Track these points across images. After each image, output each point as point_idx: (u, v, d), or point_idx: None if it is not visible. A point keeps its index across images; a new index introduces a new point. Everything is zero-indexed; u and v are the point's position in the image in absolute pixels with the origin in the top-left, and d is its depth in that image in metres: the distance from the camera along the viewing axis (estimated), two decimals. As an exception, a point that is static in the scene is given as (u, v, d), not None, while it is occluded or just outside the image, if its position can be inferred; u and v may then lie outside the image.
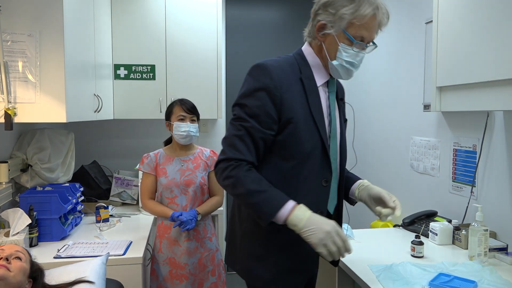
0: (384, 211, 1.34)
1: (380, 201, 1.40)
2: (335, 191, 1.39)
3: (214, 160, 2.11)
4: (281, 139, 1.25)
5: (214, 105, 3.09)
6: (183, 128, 2.10)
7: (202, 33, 3.04)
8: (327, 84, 1.36)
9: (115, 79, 2.97)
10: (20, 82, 1.75)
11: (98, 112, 2.43)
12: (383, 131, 2.91)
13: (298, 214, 1.17)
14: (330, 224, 1.18)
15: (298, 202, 1.22)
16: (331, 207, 1.40)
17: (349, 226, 2.15)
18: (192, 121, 2.14)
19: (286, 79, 1.25)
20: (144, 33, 2.97)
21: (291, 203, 1.20)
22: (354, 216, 3.42)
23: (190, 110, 2.13)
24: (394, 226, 2.33)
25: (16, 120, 1.73)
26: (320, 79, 1.33)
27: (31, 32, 1.75)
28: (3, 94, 1.69)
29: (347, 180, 1.50)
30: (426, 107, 2.36)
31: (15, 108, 1.72)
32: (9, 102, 1.70)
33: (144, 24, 2.97)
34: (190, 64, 3.04)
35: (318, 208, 1.31)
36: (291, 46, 3.71)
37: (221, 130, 3.56)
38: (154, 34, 2.98)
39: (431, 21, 2.02)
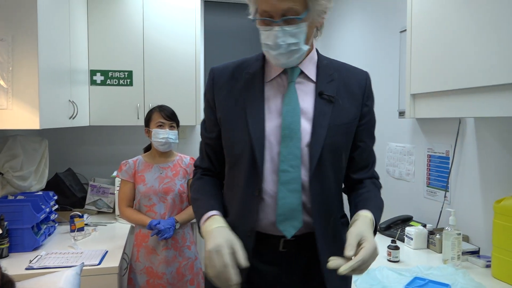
0: (331, 263, 0.93)
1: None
2: (290, 208, 1.06)
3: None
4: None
5: (192, 111, 3.08)
6: (162, 135, 2.08)
7: (180, 38, 3.02)
8: (288, 75, 1.13)
9: (91, 85, 2.92)
10: (-9, 87, 1.70)
11: (73, 118, 2.39)
12: (360, 137, 2.96)
13: (206, 226, 1.04)
14: (218, 239, 0.96)
15: (231, 212, 1.12)
16: (289, 229, 1.07)
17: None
18: (171, 127, 2.12)
19: (223, 78, 1.17)
20: (121, 38, 2.94)
21: (208, 214, 1.07)
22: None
23: (169, 116, 2.11)
24: (371, 231, 2.36)
25: (-13, 127, 1.67)
26: (273, 72, 1.14)
27: (3, 36, 1.71)
28: (-28, 100, 1.64)
29: (355, 206, 1.15)
30: (401, 114, 2.41)
31: (-15, 115, 1.67)
32: (-21, 108, 1.65)
33: (121, 29, 2.94)
34: (168, 70, 3.02)
35: (247, 223, 1.08)
36: (269, 53, 3.74)
37: (199, 136, 3.53)
38: (131, 39, 2.95)
39: (405, 30, 2.07)
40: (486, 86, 1.49)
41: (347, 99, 1.13)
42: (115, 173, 2.87)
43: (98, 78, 2.93)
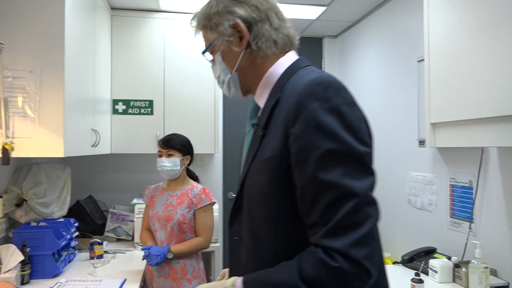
0: None
1: None
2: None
3: (202, 199, 2.12)
4: None
5: (211, 140, 3.11)
6: (159, 164, 2.16)
7: (200, 69, 3.09)
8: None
9: (113, 113, 3.00)
10: (19, 117, 1.76)
11: (95, 146, 2.44)
12: (379, 166, 2.92)
13: None
14: None
15: None
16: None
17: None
18: (169, 155, 2.15)
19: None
20: (143, 69, 3.03)
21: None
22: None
23: (165, 144, 2.17)
24: (393, 263, 2.29)
25: (13, 154, 1.73)
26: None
27: (32, 68, 1.78)
28: (1, 129, 1.70)
29: None
30: (421, 142, 2.38)
31: (12, 143, 1.73)
32: (7, 137, 1.71)
33: (143, 60, 3.03)
34: (187, 99, 3.08)
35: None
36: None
37: (218, 164, 3.56)
38: (153, 69, 3.04)
39: (423, 59, 2.08)
40: (508, 115, 1.47)
41: (275, 127, 0.89)
42: (134, 200, 2.90)
43: (120, 107, 3.01)
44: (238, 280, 0.87)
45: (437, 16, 1.93)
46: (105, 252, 2.36)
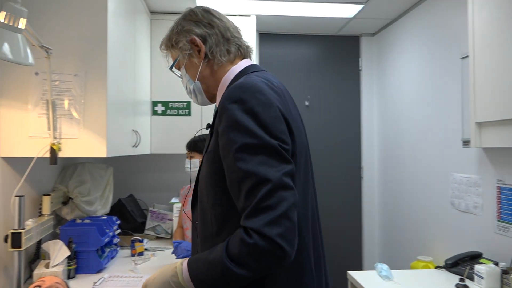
0: None
1: None
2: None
3: None
4: None
5: (247, 140, 3.13)
6: (185, 165, 2.28)
7: (236, 70, 3.12)
8: None
9: (152, 115, 3.08)
10: (65, 119, 1.84)
11: (136, 147, 2.52)
12: (420, 168, 2.83)
13: None
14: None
15: None
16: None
17: (387, 266, 2.07)
18: (191, 157, 2.23)
19: None
20: (182, 71, 3.09)
21: None
22: (392, 256, 3.29)
23: (187, 146, 2.32)
24: (436, 267, 2.21)
25: (60, 155, 1.81)
26: None
27: (77, 72, 1.86)
28: (49, 130, 1.78)
29: None
30: (466, 142, 2.29)
31: (59, 144, 1.81)
32: (54, 137, 1.79)
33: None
34: (224, 100, 3.11)
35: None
36: (324, 83, 3.74)
37: (254, 164, 3.56)
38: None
39: (467, 56, 1.99)
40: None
41: (215, 126, 1.05)
42: (173, 200, 2.96)
43: (159, 108, 3.09)
44: (185, 261, 0.99)
45: (482, 11, 1.84)
46: (146, 249, 2.43)
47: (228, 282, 0.91)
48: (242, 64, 1.18)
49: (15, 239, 1.63)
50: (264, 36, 3.73)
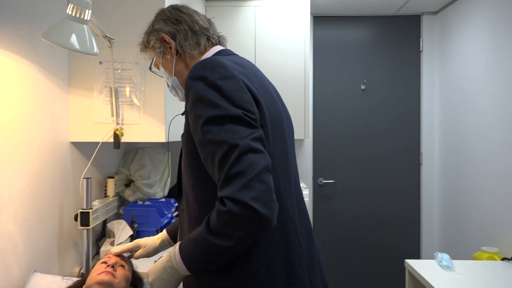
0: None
1: None
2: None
3: None
4: None
5: (301, 125, 3.11)
6: None
7: (290, 53, 3.09)
8: None
9: (208, 101, 3.14)
10: (127, 105, 1.93)
11: (192, 132, 2.58)
12: (486, 154, 2.66)
13: None
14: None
15: None
16: None
17: (448, 256, 1.98)
18: None
19: None
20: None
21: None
22: (454, 246, 3.14)
23: None
24: (503, 259, 2.09)
25: (123, 139, 1.90)
26: None
27: (137, 60, 1.94)
28: (113, 117, 1.88)
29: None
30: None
31: (122, 129, 1.90)
32: (117, 123, 1.89)
33: (234, 47, 3.11)
34: (278, 85, 3.10)
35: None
36: (381, 66, 3.60)
37: (307, 150, 3.54)
38: (244, 55, 3.10)
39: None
40: None
41: None
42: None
43: (214, 94, 3.14)
44: (177, 244, 1.02)
45: None
46: (202, 231, 2.51)
47: (215, 257, 0.93)
48: (212, 50, 1.22)
49: (84, 218, 1.76)
50: (318, 19, 3.65)
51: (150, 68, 1.27)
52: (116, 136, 1.86)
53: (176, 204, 2.55)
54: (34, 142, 1.61)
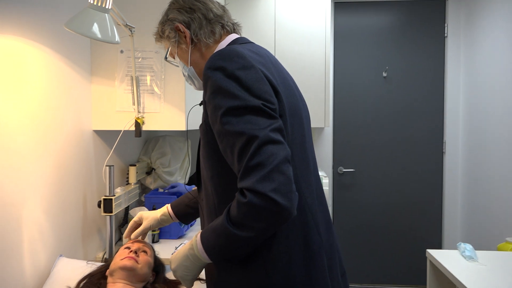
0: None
1: None
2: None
3: None
4: None
5: (321, 113, 3.08)
6: None
7: (310, 40, 3.05)
8: None
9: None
10: (148, 94, 1.95)
11: (212, 120, 2.59)
12: (509, 142, 2.58)
13: None
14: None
15: None
16: None
17: (471, 246, 1.95)
18: None
19: None
20: (254, 41, 3.09)
21: None
22: (478, 236, 3.09)
23: None
24: (528, 250, 2.04)
25: (144, 128, 1.93)
26: None
27: (157, 49, 1.94)
28: (134, 105, 1.90)
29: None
30: None
31: (143, 118, 1.92)
32: (138, 112, 1.91)
33: (254, 33, 3.09)
34: (298, 72, 3.07)
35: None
36: (403, 52, 3.52)
37: (327, 138, 3.52)
38: (263, 42, 3.09)
39: None
40: None
41: None
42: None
43: (234, 83, 3.14)
44: (199, 233, 1.03)
45: None
46: (222, 219, 2.53)
47: (236, 247, 0.94)
48: (228, 39, 1.19)
49: (107, 205, 1.79)
50: (339, 5, 3.58)
51: (166, 58, 1.27)
52: (138, 125, 1.89)
53: (196, 192, 2.57)
54: (59, 131, 1.64)
